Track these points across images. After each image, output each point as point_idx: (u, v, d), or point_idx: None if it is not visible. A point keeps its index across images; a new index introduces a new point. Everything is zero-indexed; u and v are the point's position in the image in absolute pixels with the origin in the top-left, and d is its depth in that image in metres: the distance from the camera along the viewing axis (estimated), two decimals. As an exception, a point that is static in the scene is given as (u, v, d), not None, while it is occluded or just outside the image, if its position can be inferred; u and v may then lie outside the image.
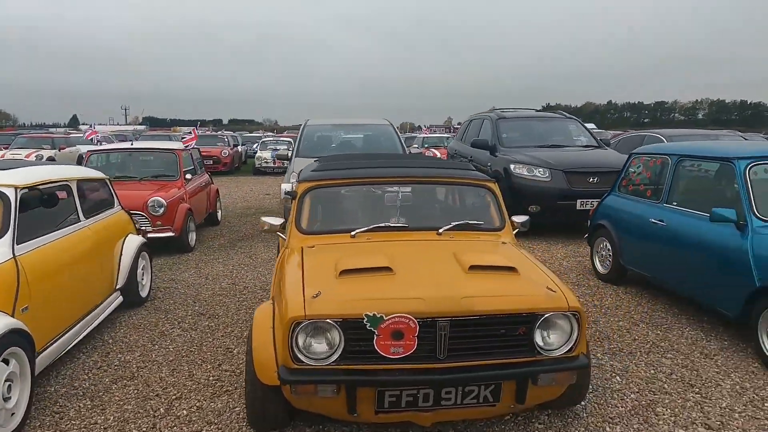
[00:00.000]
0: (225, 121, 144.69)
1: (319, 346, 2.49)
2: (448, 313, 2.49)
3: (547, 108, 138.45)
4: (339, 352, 2.48)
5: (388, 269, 2.72)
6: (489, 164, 8.79)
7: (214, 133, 28.84)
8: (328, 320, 2.46)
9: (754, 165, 4.09)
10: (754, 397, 3.32)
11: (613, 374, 3.62)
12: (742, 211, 3.96)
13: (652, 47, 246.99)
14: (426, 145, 22.16)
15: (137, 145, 8.42)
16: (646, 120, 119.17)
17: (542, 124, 9.47)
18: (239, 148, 23.79)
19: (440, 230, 3.33)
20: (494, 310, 2.54)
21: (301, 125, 9.39)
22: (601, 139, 9.46)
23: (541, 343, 2.60)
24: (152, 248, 6.82)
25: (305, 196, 3.49)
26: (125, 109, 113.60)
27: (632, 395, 3.34)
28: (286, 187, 3.62)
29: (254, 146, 25.06)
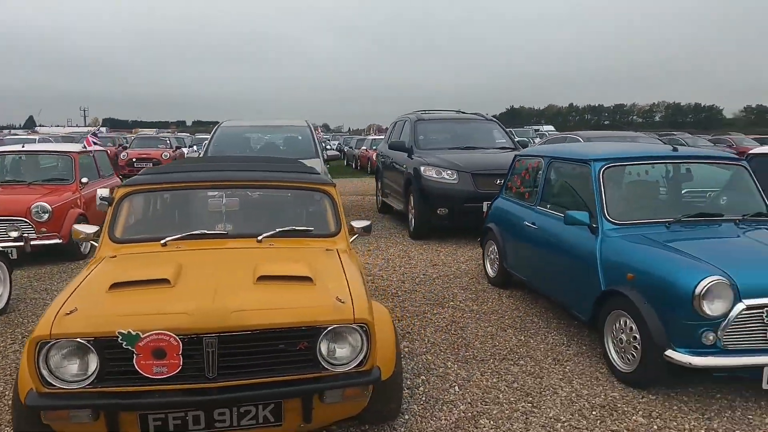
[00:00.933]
0: (189, 123, 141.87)
1: (71, 367, 2.28)
2: (214, 329, 2.31)
3: (510, 111, 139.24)
4: (95, 373, 2.28)
5: (165, 281, 2.53)
6: (405, 166, 8.68)
7: (157, 135, 28.04)
8: (78, 339, 2.25)
9: (610, 167, 4.04)
10: (584, 404, 3.23)
11: (454, 384, 3.50)
12: (594, 213, 3.91)
13: (612, 51, 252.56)
14: (374, 147, 22.17)
15: (29, 147, 8.03)
16: (606, 122, 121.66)
17: (460, 125, 9.40)
18: (185, 150, 23.25)
19: (260, 237, 3.16)
20: (269, 324, 2.37)
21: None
22: (518, 141, 9.46)
23: (327, 358, 2.45)
24: (38, 256, 6.54)
25: (123, 202, 3.27)
26: (84, 110, 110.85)
27: (462, 406, 3.22)
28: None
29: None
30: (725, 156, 4.34)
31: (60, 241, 6.60)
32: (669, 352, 3.15)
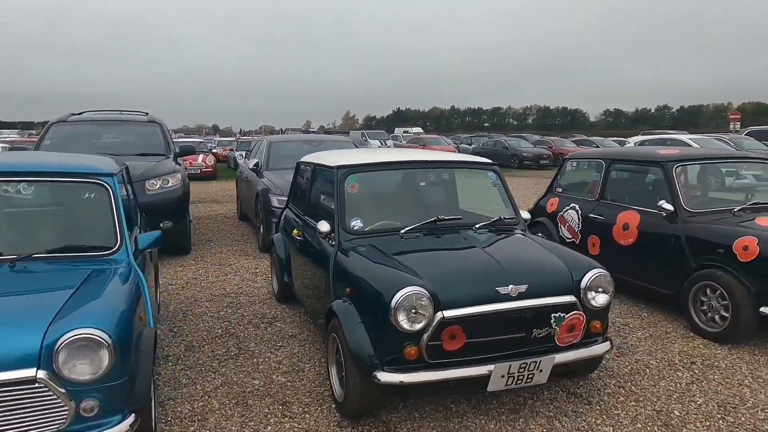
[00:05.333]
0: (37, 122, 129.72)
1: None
2: None
3: (397, 112, 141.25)
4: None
5: None
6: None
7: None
8: None
9: None
10: None
11: None
12: None
13: (491, 55, 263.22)
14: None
15: None
16: (486, 124, 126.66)
17: (105, 129, 8.13)
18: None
19: None
20: None
21: None
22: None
23: None
24: None
25: None
26: None
27: None
28: None
29: None
30: (78, 170, 3.30)
31: None
32: None
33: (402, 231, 3.62)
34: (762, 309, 4.09)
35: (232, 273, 6.45)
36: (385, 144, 34.60)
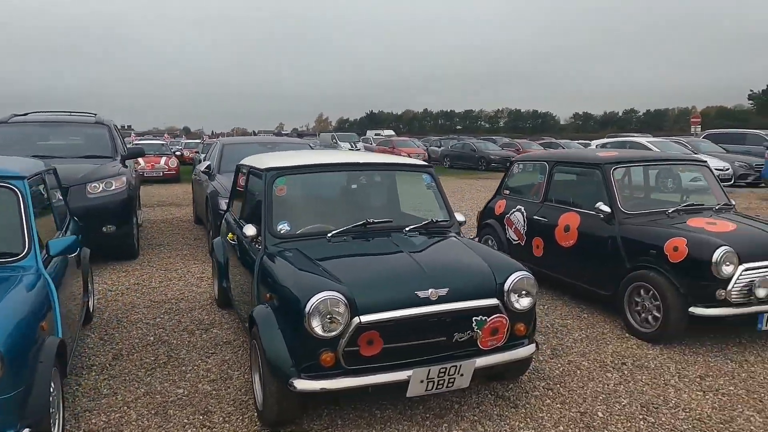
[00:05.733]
0: None
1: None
2: None
3: (370, 115, 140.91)
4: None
5: None
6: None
7: None
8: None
9: None
10: None
11: None
12: None
13: (465, 58, 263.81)
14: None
15: None
16: (458, 127, 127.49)
17: (48, 130, 7.89)
18: None
19: None
20: None
21: None
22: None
23: None
24: None
25: None
26: None
27: None
28: None
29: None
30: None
31: None
32: None
33: (329, 234, 3.57)
34: (691, 309, 4.16)
35: (177, 278, 6.31)
36: (355, 147, 34.57)
